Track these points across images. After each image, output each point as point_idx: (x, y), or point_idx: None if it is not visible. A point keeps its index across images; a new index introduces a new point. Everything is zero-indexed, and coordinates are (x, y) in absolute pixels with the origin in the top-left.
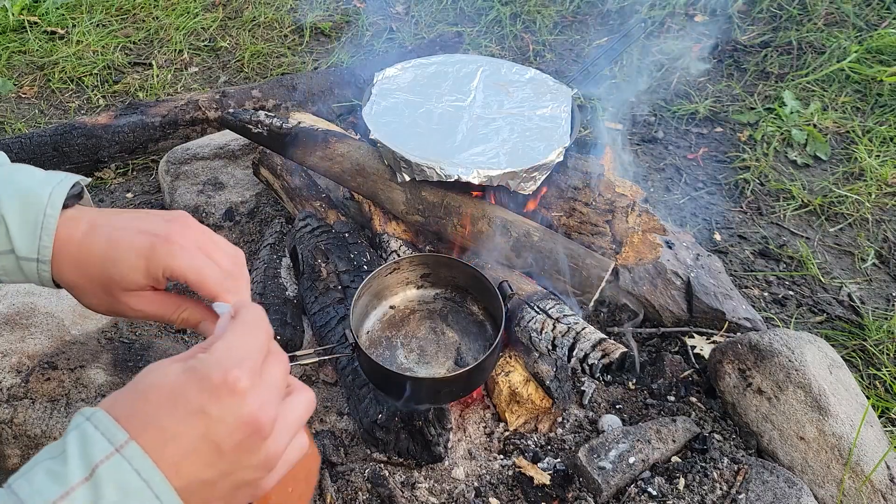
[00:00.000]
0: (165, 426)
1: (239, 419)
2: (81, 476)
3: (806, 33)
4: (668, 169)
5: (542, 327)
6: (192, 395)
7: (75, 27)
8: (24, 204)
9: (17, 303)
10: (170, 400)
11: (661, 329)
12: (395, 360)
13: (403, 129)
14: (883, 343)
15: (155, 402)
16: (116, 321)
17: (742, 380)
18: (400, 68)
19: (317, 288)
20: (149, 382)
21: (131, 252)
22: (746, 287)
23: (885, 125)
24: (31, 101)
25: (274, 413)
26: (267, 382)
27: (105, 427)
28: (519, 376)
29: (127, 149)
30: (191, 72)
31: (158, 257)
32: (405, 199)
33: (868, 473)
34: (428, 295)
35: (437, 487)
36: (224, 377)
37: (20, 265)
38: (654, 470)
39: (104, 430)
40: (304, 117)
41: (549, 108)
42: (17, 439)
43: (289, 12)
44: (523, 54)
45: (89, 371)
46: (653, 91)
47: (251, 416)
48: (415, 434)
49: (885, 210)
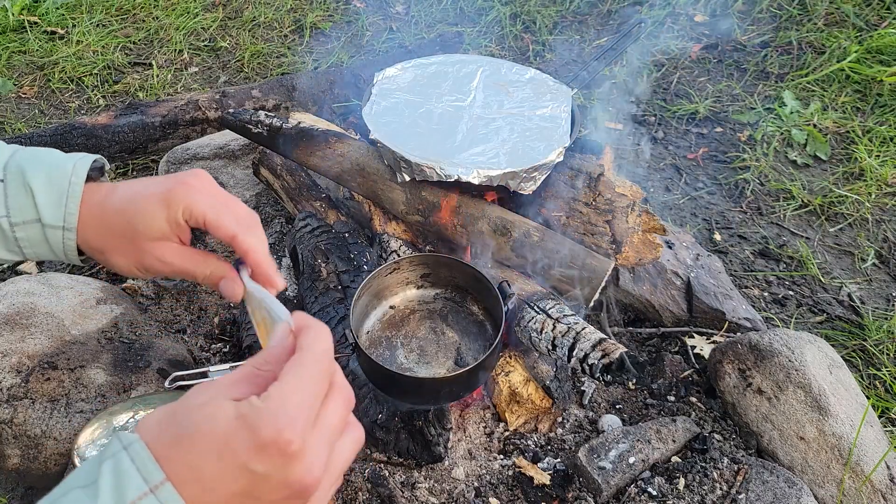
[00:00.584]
0: (206, 476)
1: (284, 481)
2: None
3: (806, 33)
4: (668, 169)
5: (542, 327)
6: (240, 448)
7: (75, 27)
8: (49, 175)
9: (17, 303)
10: (215, 449)
11: (661, 329)
12: (395, 360)
13: (403, 129)
14: (883, 343)
15: (200, 447)
16: (116, 321)
17: (742, 380)
18: (400, 68)
19: (317, 288)
20: (196, 424)
21: (151, 199)
22: (746, 287)
23: (885, 125)
24: (31, 101)
25: (321, 471)
26: (320, 434)
27: (142, 462)
28: (519, 376)
29: (127, 149)
30: (191, 72)
31: (177, 199)
32: (405, 199)
33: (868, 473)
34: (428, 295)
35: (437, 487)
36: (276, 437)
37: (45, 234)
38: (654, 470)
39: (140, 465)
40: (304, 117)
41: (549, 108)
42: (17, 439)
43: (289, 12)
44: (523, 54)
45: (89, 371)
46: (653, 91)
47: (298, 480)
48: (415, 434)
49: (885, 210)
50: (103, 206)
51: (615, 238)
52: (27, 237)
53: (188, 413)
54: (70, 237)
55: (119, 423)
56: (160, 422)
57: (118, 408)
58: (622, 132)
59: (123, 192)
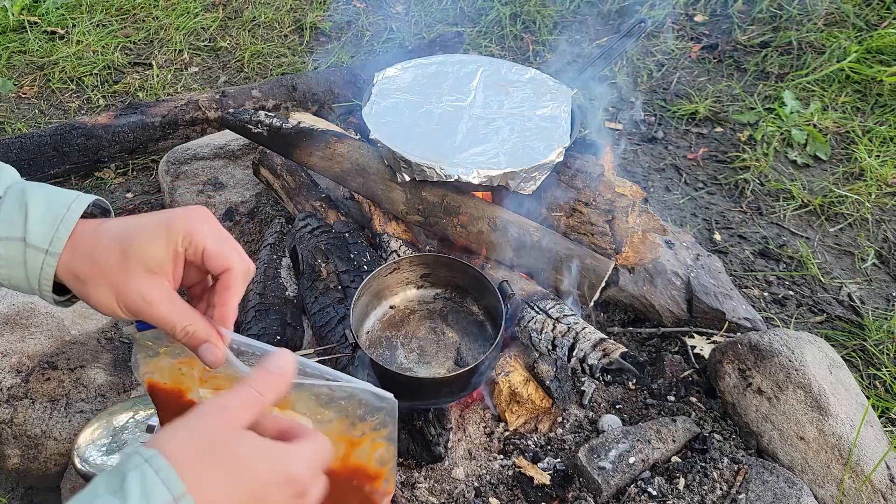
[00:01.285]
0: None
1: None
2: None
3: (806, 33)
4: (668, 169)
5: (542, 327)
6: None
7: (75, 27)
8: (49, 199)
9: (17, 303)
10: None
11: (661, 329)
12: (395, 360)
13: (403, 129)
14: (883, 343)
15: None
16: (116, 321)
17: (742, 380)
18: (400, 68)
19: (317, 288)
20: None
21: (151, 224)
22: (746, 287)
23: (885, 125)
24: (31, 101)
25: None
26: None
27: (165, 474)
28: (519, 376)
29: (127, 149)
30: (191, 72)
31: (178, 225)
32: (405, 199)
33: (868, 473)
34: (428, 295)
35: (437, 487)
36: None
37: (26, 255)
38: (654, 470)
39: (164, 477)
40: (304, 117)
41: (549, 108)
42: (17, 439)
43: (289, 12)
44: (523, 54)
45: (89, 371)
46: (653, 91)
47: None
48: (415, 434)
49: (885, 210)
50: (98, 232)
51: (615, 238)
52: (6, 255)
53: (210, 435)
54: (50, 263)
55: (119, 423)
56: (177, 439)
57: (118, 408)
58: (622, 132)
59: (122, 220)
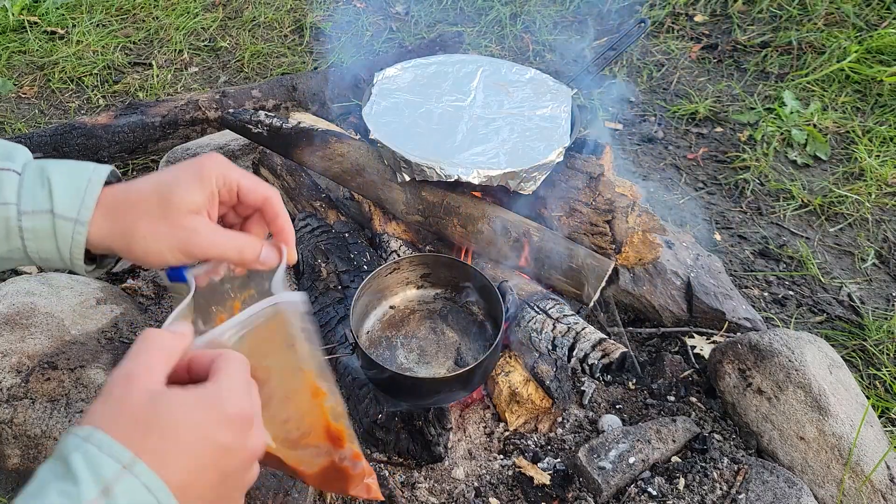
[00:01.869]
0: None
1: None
2: (95, 494)
3: (806, 33)
4: (668, 169)
5: (542, 327)
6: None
7: (75, 27)
8: (70, 171)
9: (17, 303)
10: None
11: (661, 329)
12: (395, 360)
13: (403, 129)
14: (883, 343)
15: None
16: (116, 321)
17: (742, 380)
18: (400, 68)
19: (317, 288)
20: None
21: (182, 172)
22: (746, 287)
23: (885, 125)
24: (31, 101)
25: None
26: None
27: (107, 447)
28: (519, 376)
29: (127, 149)
30: (191, 72)
31: (210, 168)
32: (405, 199)
33: (868, 473)
34: (428, 295)
35: (437, 487)
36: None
37: (55, 226)
38: (654, 470)
39: (107, 449)
40: (304, 117)
41: (549, 108)
42: (17, 439)
43: (289, 12)
44: (523, 54)
45: (89, 371)
46: (653, 91)
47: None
48: (415, 434)
49: (885, 210)
50: (128, 191)
51: (615, 238)
52: (34, 228)
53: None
54: (80, 231)
55: None
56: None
57: None
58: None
59: (150, 176)
